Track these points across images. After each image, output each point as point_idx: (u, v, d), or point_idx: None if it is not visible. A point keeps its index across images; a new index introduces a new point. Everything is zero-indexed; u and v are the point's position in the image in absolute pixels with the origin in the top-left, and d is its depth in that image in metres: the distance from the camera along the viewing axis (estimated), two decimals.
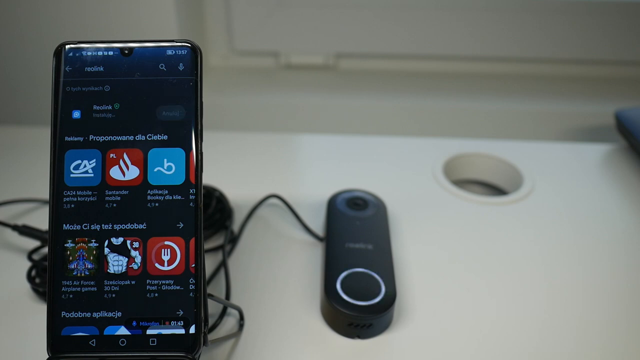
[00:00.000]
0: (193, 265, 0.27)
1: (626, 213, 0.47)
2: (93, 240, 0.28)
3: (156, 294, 0.27)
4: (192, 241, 0.28)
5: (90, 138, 0.28)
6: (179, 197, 0.28)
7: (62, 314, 0.27)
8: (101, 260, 0.27)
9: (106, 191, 0.28)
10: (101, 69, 0.28)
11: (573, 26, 0.66)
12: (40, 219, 0.45)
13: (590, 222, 0.46)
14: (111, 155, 0.28)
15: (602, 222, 0.46)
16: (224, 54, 0.72)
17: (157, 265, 0.27)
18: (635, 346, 0.35)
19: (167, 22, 0.59)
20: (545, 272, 0.41)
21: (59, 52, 0.28)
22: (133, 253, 0.27)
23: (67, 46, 0.28)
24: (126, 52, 0.28)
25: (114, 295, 0.27)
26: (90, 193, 0.28)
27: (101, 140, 0.28)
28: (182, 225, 0.28)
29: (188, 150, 0.28)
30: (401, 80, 0.70)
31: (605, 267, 0.42)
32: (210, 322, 0.36)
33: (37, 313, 0.37)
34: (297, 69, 0.72)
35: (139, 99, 0.28)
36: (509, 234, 0.45)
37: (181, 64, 0.29)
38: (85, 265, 0.27)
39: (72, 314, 0.27)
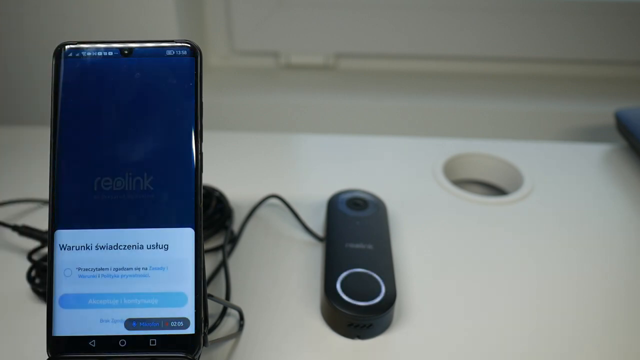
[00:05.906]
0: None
1: (626, 213, 0.47)
2: None
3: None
4: None
5: None
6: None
7: None
8: None
9: None
10: (101, 69, 0.28)
11: (573, 26, 0.66)
12: (40, 219, 0.45)
13: (590, 222, 0.46)
14: None
15: (602, 222, 0.46)
16: (224, 54, 0.72)
17: None
18: (635, 347, 0.35)
19: (167, 22, 0.59)
20: (545, 271, 0.41)
21: (58, 52, 0.28)
22: None
23: (67, 46, 0.28)
24: (126, 52, 0.28)
25: None
26: None
27: None
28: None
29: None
30: (401, 80, 0.70)
31: (605, 266, 0.42)
32: (210, 322, 0.35)
33: (37, 313, 0.37)
34: (297, 69, 0.72)
35: (139, 99, 0.28)
36: (509, 234, 0.45)
37: (181, 64, 0.29)
38: None
39: None
